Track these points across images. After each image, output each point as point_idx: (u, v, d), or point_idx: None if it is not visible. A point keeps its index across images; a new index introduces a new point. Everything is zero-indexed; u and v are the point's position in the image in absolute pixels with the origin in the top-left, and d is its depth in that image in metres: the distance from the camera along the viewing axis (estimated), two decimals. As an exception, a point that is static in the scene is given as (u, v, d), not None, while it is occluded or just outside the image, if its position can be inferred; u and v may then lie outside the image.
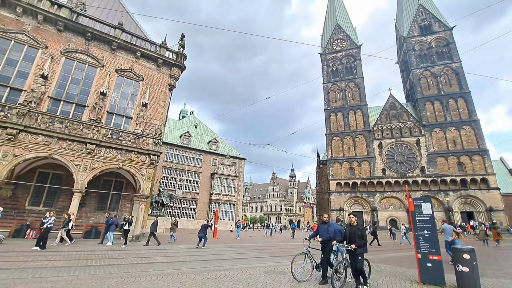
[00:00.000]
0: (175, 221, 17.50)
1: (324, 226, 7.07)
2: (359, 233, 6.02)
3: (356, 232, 6.06)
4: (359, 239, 5.90)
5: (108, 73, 17.52)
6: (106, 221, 14.13)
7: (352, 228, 6.20)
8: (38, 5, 15.94)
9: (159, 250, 12.23)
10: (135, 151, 15.72)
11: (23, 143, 12.89)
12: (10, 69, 14.92)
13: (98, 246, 12.46)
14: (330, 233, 6.83)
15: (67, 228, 12.20)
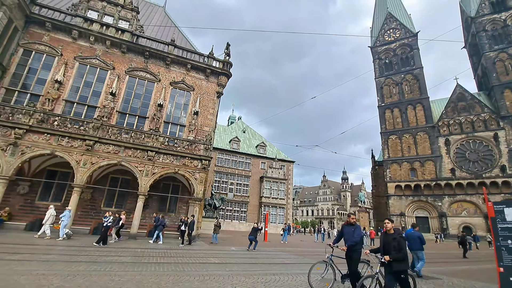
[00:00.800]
0: (217, 223, 18.10)
1: (350, 229, 5.93)
2: (395, 243, 4.74)
3: (391, 242, 4.82)
4: (395, 252, 4.67)
5: (164, 86, 19.20)
6: (154, 220, 15.29)
7: (387, 237, 4.97)
8: (106, 33, 18.39)
9: (212, 251, 12.76)
10: (188, 157, 16.82)
11: (97, 152, 14.90)
12: (87, 89, 17.49)
13: (159, 244, 13.57)
14: (356, 237, 5.69)
15: (117, 226, 13.55)
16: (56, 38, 17.46)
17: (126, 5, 20.32)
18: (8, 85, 15.87)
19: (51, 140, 14.14)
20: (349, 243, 5.64)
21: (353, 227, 5.94)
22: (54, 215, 12.71)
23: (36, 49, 16.91)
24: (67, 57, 17.39)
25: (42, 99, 16.11)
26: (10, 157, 13.24)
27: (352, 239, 5.66)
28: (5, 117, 13.54)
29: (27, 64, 16.54)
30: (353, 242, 5.61)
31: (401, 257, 4.64)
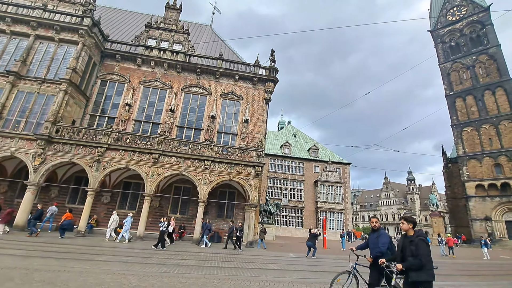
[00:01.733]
0: (262, 228, 17.99)
1: (374, 236, 5.13)
2: (412, 247, 3.91)
3: (408, 246, 4.02)
4: (412, 258, 3.85)
5: (215, 99, 20.37)
6: (202, 225, 15.93)
7: (405, 240, 4.17)
8: (163, 56, 20.47)
9: (271, 257, 12.79)
10: (241, 164, 17.35)
11: (162, 164, 16.47)
12: (151, 109, 19.64)
13: (220, 249, 14.19)
14: (382, 245, 4.84)
15: (166, 231, 14.07)
16: (125, 67, 20.14)
17: (178, 30, 22.35)
18: (91, 112, 18.89)
19: (125, 156, 16.19)
20: (374, 254, 4.88)
21: (377, 234, 5.10)
22: (117, 220, 14.40)
23: (110, 78, 19.77)
24: (134, 83, 19.88)
25: (117, 121, 18.69)
26: (95, 172, 15.59)
27: (376, 249, 4.86)
28: (90, 138, 16.04)
29: (104, 92, 19.45)
30: (378, 253, 4.78)
31: (417, 264, 3.75)
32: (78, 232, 14.60)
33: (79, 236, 14.20)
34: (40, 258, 7.97)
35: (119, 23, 27.40)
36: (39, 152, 15.13)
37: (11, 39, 17.41)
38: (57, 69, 17.08)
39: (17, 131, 15.52)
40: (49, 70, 16.98)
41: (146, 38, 21.60)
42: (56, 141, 15.52)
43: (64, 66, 17.03)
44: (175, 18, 23.04)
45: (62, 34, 17.55)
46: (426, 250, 3.80)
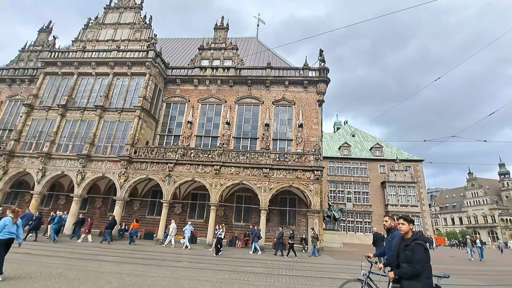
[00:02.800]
0: (314, 234, 16.93)
1: (388, 239, 4.39)
2: (407, 252, 3.34)
3: (403, 250, 3.43)
4: (407, 264, 3.29)
5: (267, 107, 20.72)
6: (251, 232, 15.95)
7: (401, 243, 3.54)
8: (216, 74, 21.87)
9: (341, 266, 12.10)
10: (300, 169, 17.08)
11: (223, 174, 17.36)
12: (209, 124, 21.06)
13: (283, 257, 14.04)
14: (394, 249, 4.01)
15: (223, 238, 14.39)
16: (184, 89, 22.18)
17: (227, 47, 23.68)
18: (160, 132, 21.23)
19: (191, 169, 17.60)
20: (386, 260, 4.14)
21: (390, 236, 4.32)
22: (176, 228, 15.70)
23: (173, 101, 21.99)
24: (193, 102, 21.69)
25: (181, 138, 20.56)
26: (168, 186, 17.32)
27: (389, 253, 4.09)
28: (161, 155, 17.96)
29: (169, 114, 21.71)
30: (390, 258, 4.01)
31: (411, 273, 3.20)
32: (157, 240, 16.35)
33: (158, 244, 15.86)
34: (129, 264, 9.14)
35: (176, 50, 30.48)
36: (123, 171, 17.59)
37: (96, 79, 20.94)
38: (131, 99, 19.78)
39: (105, 155, 18.38)
40: (125, 101, 19.79)
41: (200, 59, 23.45)
42: (135, 160, 17.84)
43: (137, 95, 19.64)
44: (223, 37, 24.51)
45: (133, 69, 20.34)
46: (422, 256, 3.23)
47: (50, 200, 20.87)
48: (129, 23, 24.09)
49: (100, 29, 24.37)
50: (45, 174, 18.21)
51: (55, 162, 18.52)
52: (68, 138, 19.11)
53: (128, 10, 24.80)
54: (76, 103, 20.26)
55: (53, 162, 18.51)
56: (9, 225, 6.06)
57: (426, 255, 3.27)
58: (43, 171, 18.17)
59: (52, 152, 18.62)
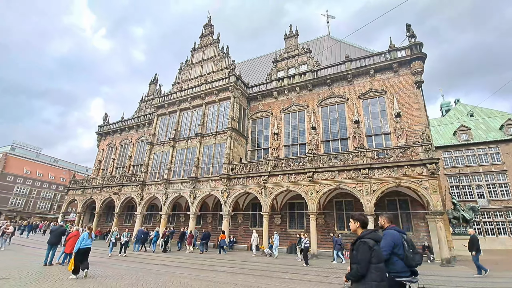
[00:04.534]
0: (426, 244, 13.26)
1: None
2: (354, 253, 3.06)
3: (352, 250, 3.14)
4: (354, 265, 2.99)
5: (353, 103, 19.11)
6: (332, 240, 14.89)
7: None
8: (293, 81, 21.87)
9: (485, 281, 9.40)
10: (407, 165, 14.70)
11: (317, 181, 16.70)
12: (295, 132, 20.99)
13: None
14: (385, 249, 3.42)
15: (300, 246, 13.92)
16: (266, 103, 23.07)
17: (300, 52, 23.52)
18: (250, 148, 22.52)
19: (284, 179, 17.73)
20: None
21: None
22: (257, 237, 16.79)
23: (257, 116, 23.12)
24: (275, 113, 22.23)
25: (270, 150, 21.17)
26: (265, 198, 17.92)
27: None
28: (255, 169, 18.87)
29: (255, 129, 22.87)
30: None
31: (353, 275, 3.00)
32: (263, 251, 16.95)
33: (264, 255, 16.38)
34: (241, 274, 9.62)
35: (253, 70, 32.38)
36: (224, 188, 19.33)
37: (193, 111, 24.29)
38: (222, 122, 21.89)
39: (208, 175, 20.70)
40: (217, 125, 22.07)
41: (276, 72, 24.06)
42: (233, 177, 19.36)
43: (226, 118, 21.62)
44: (294, 44, 24.52)
45: (220, 95, 22.63)
46: (364, 256, 2.98)
47: (173, 218, 24.89)
48: (211, 57, 27.25)
49: (190, 69, 28.47)
50: (168, 197, 21.90)
51: (173, 186, 22.09)
52: (179, 164, 22.60)
53: (209, 46, 28.15)
54: (181, 134, 23.92)
55: (172, 186, 22.14)
56: (86, 238, 8.31)
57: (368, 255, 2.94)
58: (166, 194, 21.94)
59: (170, 178, 22.33)
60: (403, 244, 3.57)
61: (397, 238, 3.58)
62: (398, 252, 3.51)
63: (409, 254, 3.52)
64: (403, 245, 3.56)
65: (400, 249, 3.52)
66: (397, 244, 3.53)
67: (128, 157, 29.64)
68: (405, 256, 3.51)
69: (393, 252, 3.51)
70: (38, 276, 7.87)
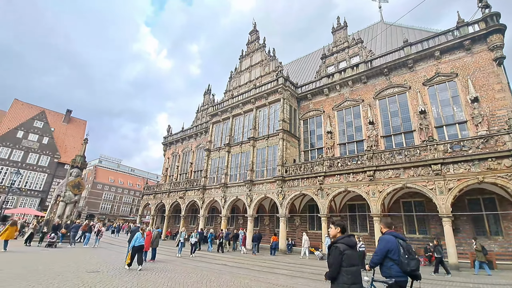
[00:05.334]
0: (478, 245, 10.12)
1: None
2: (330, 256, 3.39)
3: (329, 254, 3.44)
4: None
5: (417, 91, 17.13)
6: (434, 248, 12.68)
7: None
8: (345, 76, 20.72)
9: None
10: (490, 157, 12.43)
11: (380, 180, 15.37)
12: (350, 129, 19.82)
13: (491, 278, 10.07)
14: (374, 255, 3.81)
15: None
16: (316, 101, 22.38)
17: (350, 44, 22.20)
18: (303, 149, 22.08)
19: (341, 179, 16.83)
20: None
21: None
22: (308, 239, 16.53)
23: (308, 116, 22.57)
24: (327, 111, 21.37)
25: (324, 150, 20.40)
26: (322, 199, 17.28)
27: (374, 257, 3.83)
28: (309, 170, 18.40)
29: (307, 129, 22.35)
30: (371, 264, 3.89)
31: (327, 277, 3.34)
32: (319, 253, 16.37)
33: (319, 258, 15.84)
34: (300, 278, 9.42)
35: (302, 69, 31.83)
36: (279, 190, 19.32)
37: (245, 116, 25.05)
38: (273, 124, 22.02)
39: (263, 178, 20.99)
40: (269, 128, 22.28)
41: (325, 68, 23.17)
42: (287, 179, 19.22)
43: (276, 120, 21.68)
44: (344, 36, 23.27)
45: (269, 98, 22.83)
46: (334, 260, 3.24)
47: (233, 220, 25.95)
48: (258, 62, 27.80)
49: (239, 76, 29.53)
50: (226, 200, 22.95)
51: (231, 189, 23.05)
52: (235, 168, 23.50)
53: (256, 52, 28.79)
54: (235, 139, 24.87)
55: (229, 190, 23.13)
56: (139, 238, 9.81)
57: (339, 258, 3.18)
58: (224, 197, 23.03)
59: (227, 182, 23.37)
60: (398, 249, 3.61)
61: (392, 243, 3.66)
62: (393, 257, 3.59)
63: (404, 260, 3.54)
64: (399, 250, 3.60)
65: (395, 255, 3.58)
66: (391, 249, 3.61)
67: (189, 164, 32.14)
68: (400, 261, 3.55)
69: (388, 257, 3.62)
70: (121, 271, 9.09)
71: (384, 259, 3.68)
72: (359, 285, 3.19)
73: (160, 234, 14.65)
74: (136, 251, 9.62)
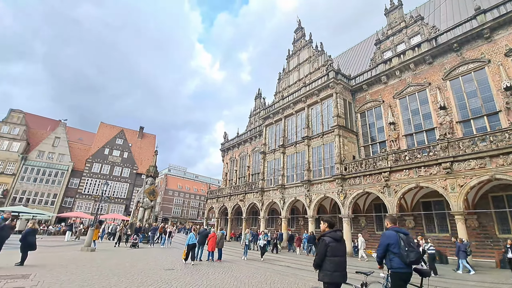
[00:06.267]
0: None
1: None
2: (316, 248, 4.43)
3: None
4: None
5: (499, 64, 14.41)
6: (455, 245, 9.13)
7: None
8: (405, 59, 18.70)
9: None
10: None
11: (459, 172, 13.31)
12: (416, 117, 17.79)
13: None
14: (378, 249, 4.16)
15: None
16: (373, 91, 20.73)
17: (408, 23, 20.01)
18: (363, 144, 20.65)
19: (411, 174, 15.14)
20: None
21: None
22: (364, 241, 15.62)
23: (366, 108, 21.04)
24: (387, 100, 19.58)
25: (388, 143, 18.70)
26: (389, 197, 15.81)
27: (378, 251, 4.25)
28: (372, 166, 17.06)
29: (366, 122, 20.85)
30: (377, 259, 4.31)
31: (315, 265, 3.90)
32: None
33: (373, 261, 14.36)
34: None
35: (353, 59, 29.96)
36: (340, 189, 18.42)
37: (296, 116, 24.73)
38: (327, 121, 21.19)
39: (321, 177, 20.31)
40: (323, 125, 21.52)
41: (380, 54, 21.33)
42: (348, 177, 18.20)
43: (330, 116, 20.82)
44: (399, 16, 21.08)
45: (321, 95, 22.08)
46: (319, 250, 3.81)
47: (293, 221, 25.74)
48: (306, 59, 27.20)
49: (288, 76, 29.35)
50: (285, 201, 22.92)
51: (288, 190, 22.94)
52: (291, 169, 23.33)
53: (302, 49, 28.25)
54: (289, 140, 24.74)
55: (287, 191, 23.05)
56: (193, 237, 11.49)
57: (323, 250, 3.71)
58: (283, 199, 23.05)
59: (284, 183, 23.35)
60: (399, 243, 3.86)
61: (392, 237, 3.94)
62: (394, 250, 3.87)
63: (403, 252, 3.78)
64: (399, 244, 3.85)
65: (395, 248, 3.86)
66: (391, 243, 3.91)
67: (247, 167, 33.20)
68: (400, 254, 3.81)
69: (390, 251, 3.92)
70: (192, 269, 9.88)
71: (387, 252, 3.99)
72: (341, 273, 3.68)
73: (224, 235, 15.42)
74: (190, 249, 11.15)
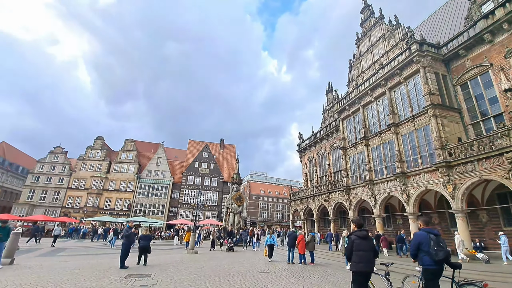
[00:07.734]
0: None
1: None
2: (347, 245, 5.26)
3: None
4: None
5: None
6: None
7: None
8: None
9: None
10: None
11: None
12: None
13: None
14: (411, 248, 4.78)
15: None
16: (475, 55, 16.78)
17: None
18: (470, 122, 16.85)
19: (553, 151, 11.38)
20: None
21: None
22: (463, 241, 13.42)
23: (467, 78, 17.15)
24: (497, 62, 15.44)
25: (506, 115, 14.67)
26: (521, 183, 12.25)
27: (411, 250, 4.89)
28: (488, 147, 13.62)
29: (470, 95, 16.98)
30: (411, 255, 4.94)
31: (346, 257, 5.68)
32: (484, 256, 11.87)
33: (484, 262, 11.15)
34: None
35: (440, 24, 25.15)
36: (446, 180, 15.40)
37: (377, 102, 22.23)
38: (417, 102, 18.24)
39: (418, 168, 17.47)
40: (412, 107, 18.62)
41: (477, 8, 17.19)
42: (454, 164, 15.07)
43: (420, 95, 17.85)
44: (501, -46, 16.56)
45: (403, 73, 19.25)
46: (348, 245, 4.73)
47: (389, 220, 22.92)
48: (379, 38, 24.37)
49: (360, 61, 26.87)
50: (376, 198, 20.68)
51: (379, 186, 20.63)
52: (378, 162, 20.96)
53: (373, 29, 25.47)
54: (371, 131, 22.40)
55: (377, 187, 20.76)
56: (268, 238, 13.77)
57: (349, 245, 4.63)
58: (373, 196, 20.86)
59: (373, 178, 21.12)
60: (429, 242, 4.29)
61: (423, 237, 4.44)
62: (424, 249, 4.34)
63: (432, 251, 4.21)
64: (429, 243, 4.28)
65: (425, 247, 4.32)
66: (422, 242, 4.41)
67: (327, 166, 31.69)
68: (429, 252, 4.24)
69: (420, 249, 4.42)
70: (286, 272, 9.80)
71: (418, 251, 4.44)
72: (364, 264, 4.40)
73: (314, 237, 14.89)
74: (269, 248, 13.56)
